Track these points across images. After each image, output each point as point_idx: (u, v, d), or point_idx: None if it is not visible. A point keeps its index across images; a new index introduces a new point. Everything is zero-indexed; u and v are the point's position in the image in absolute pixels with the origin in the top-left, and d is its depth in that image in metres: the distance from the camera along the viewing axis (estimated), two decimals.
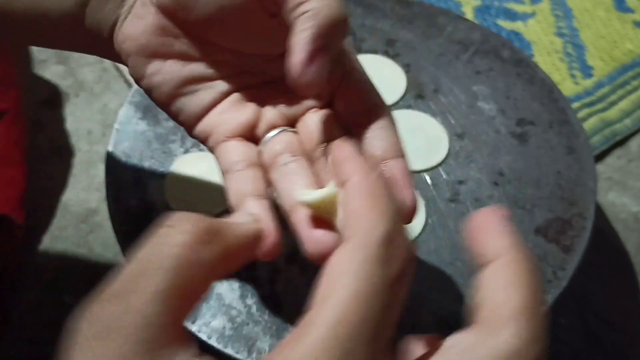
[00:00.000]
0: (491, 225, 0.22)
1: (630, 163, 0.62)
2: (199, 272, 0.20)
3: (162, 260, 0.20)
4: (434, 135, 0.49)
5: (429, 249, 0.43)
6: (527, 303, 0.20)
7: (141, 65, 0.31)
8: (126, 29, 0.31)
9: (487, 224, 0.23)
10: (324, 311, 0.18)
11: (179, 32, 0.31)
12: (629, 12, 0.73)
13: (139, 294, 0.19)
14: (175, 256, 0.20)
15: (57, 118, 0.64)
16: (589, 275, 0.54)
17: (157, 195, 0.46)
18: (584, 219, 0.44)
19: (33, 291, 0.53)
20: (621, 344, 0.51)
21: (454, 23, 0.56)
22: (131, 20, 0.31)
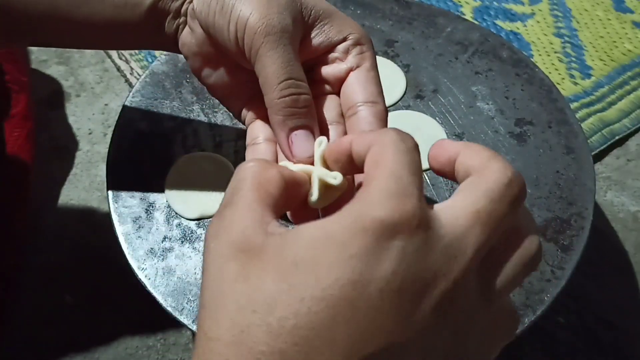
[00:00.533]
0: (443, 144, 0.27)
1: (629, 163, 0.62)
2: (269, 181, 0.26)
3: (245, 179, 0.26)
4: (433, 135, 0.49)
5: None
6: (491, 152, 0.25)
7: (197, 67, 0.38)
8: (183, 38, 0.38)
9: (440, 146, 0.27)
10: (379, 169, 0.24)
11: (215, 46, 0.36)
12: (628, 12, 0.73)
13: (238, 200, 0.25)
14: (251, 174, 0.26)
15: (59, 118, 0.64)
16: (587, 274, 0.54)
17: (157, 196, 0.46)
18: (583, 219, 0.45)
19: (33, 291, 0.53)
20: (620, 343, 0.51)
21: (453, 23, 0.56)
22: (187, 30, 0.37)
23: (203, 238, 0.44)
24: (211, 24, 0.34)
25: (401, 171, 0.23)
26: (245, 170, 0.26)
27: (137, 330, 0.51)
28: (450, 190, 0.46)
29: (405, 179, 0.23)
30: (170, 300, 0.41)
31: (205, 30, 0.35)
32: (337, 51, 0.35)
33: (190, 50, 0.37)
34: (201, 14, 0.35)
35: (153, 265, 0.42)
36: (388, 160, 0.24)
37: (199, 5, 0.35)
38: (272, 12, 0.33)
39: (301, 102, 0.33)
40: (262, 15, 0.33)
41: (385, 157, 0.24)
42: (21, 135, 0.56)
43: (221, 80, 0.38)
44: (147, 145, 0.48)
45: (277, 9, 0.33)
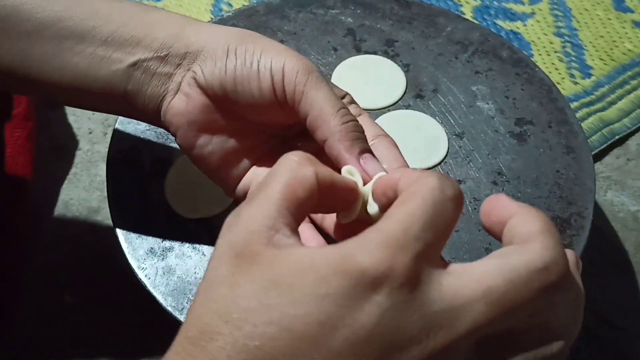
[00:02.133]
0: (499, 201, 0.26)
1: (629, 162, 0.62)
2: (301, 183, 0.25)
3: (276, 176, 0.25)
4: (433, 135, 0.49)
5: None
6: (546, 227, 0.24)
7: (191, 138, 0.36)
8: (175, 106, 0.35)
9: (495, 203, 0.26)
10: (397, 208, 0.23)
11: (222, 111, 0.35)
12: (628, 11, 0.73)
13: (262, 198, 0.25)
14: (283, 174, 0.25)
15: (58, 117, 0.64)
16: (587, 274, 0.54)
17: (157, 195, 0.46)
18: (583, 218, 0.45)
19: (33, 291, 0.53)
20: (620, 343, 0.51)
21: (454, 23, 0.56)
22: (179, 97, 0.35)
23: (203, 238, 0.44)
24: (231, 81, 0.34)
25: (414, 223, 0.22)
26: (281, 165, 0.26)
27: (137, 330, 0.51)
28: None
29: (413, 232, 0.22)
30: (170, 299, 0.41)
31: (220, 92, 0.34)
32: None
33: (183, 120, 0.35)
34: (213, 76, 0.34)
35: (153, 265, 0.42)
36: (410, 205, 0.23)
37: (209, 69, 0.34)
38: (302, 56, 0.34)
39: (360, 129, 0.33)
40: (297, 59, 0.34)
41: (409, 201, 0.23)
42: (22, 136, 0.56)
43: (221, 147, 0.36)
44: (147, 144, 0.48)
45: (302, 55, 0.34)
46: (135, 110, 0.37)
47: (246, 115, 0.36)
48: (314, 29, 0.55)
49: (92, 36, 0.35)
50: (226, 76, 0.34)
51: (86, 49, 0.35)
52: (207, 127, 0.36)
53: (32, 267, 0.54)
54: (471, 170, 0.47)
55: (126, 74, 0.35)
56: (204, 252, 0.43)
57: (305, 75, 0.33)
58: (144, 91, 0.35)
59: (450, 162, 0.48)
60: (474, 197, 0.46)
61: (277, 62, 0.33)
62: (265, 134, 0.38)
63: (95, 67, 0.35)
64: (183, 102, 0.35)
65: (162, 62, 0.35)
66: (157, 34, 0.35)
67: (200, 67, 0.34)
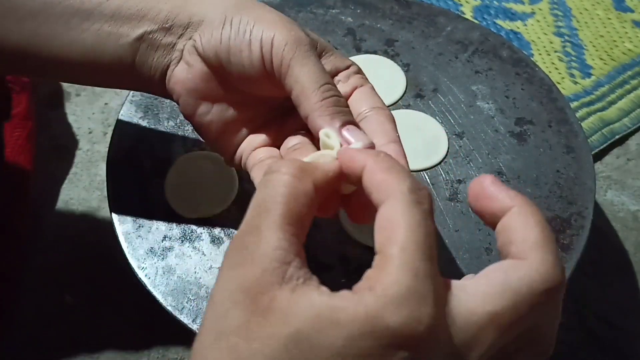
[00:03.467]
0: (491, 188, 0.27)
1: (629, 162, 0.62)
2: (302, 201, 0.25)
3: (275, 197, 0.25)
4: (433, 135, 0.49)
5: None
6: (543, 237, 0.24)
7: (192, 106, 0.36)
8: (177, 74, 0.36)
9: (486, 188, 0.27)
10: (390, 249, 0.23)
11: (220, 81, 0.36)
12: (628, 11, 0.73)
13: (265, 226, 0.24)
14: (282, 193, 0.25)
15: (58, 117, 0.64)
16: (587, 274, 0.54)
17: (157, 195, 0.46)
18: (583, 218, 0.45)
19: (33, 291, 0.53)
20: (620, 343, 0.51)
21: (453, 23, 0.56)
22: (181, 66, 0.36)
23: (203, 237, 0.44)
24: (225, 51, 0.34)
25: (417, 262, 0.23)
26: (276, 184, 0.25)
27: (137, 329, 0.51)
28: (451, 190, 0.46)
29: (421, 273, 0.23)
30: (170, 299, 0.41)
31: (215, 60, 0.35)
32: (339, 76, 0.36)
33: (184, 87, 0.36)
34: (209, 44, 0.34)
35: (153, 265, 0.42)
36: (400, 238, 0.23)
37: (206, 37, 0.34)
38: (296, 29, 0.33)
39: (342, 103, 0.33)
40: (287, 30, 0.33)
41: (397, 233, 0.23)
42: (22, 136, 0.56)
43: (220, 116, 0.37)
44: (147, 144, 0.48)
45: (297, 27, 0.34)
46: (142, 83, 0.37)
47: (240, 86, 0.36)
48: (314, 29, 0.55)
49: (98, 12, 0.35)
50: (221, 45, 0.34)
51: (93, 25, 0.35)
52: (207, 96, 0.36)
53: (32, 267, 0.54)
54: (471, 170, 0.47)
55: (132, 47, 0.35)
56: (204, 252, 0.43)
57: (293, 49, 0.33)
58: (150, 62, 0.36)
59: (450, 162, 0.48)
60: None
61: (267, 34, 0.33)
62: (265, 105, 0.37)
63: (103, 42, 0.35)
64: (184, 70, 0.36)
65: (166, 33, 0.35)
66: (162, 6, 0.35)
67: (200, 36, 0.35)
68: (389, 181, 0.25)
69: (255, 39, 0.33)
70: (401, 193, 0.24)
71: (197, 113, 0.36)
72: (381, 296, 0.22)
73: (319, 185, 0.26)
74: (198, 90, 0.36)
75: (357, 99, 0.35)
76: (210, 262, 0.43)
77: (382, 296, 0.22)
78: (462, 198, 0.46)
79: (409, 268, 0.23)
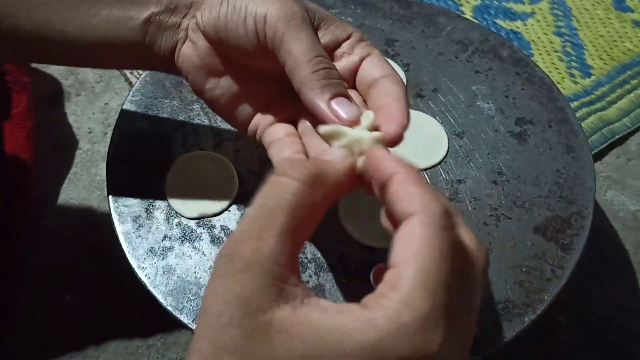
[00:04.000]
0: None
1: (629, 162, 0.62)
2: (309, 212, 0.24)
3: (281, 205, 0.24)
4: (433, 135, 0.49)
5: None
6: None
7: (200, 82, 0.37)
8: (184, 52, 0.37)
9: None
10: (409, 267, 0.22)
11: (222, 56, 0.36)
12: (628, 11, 0.73)
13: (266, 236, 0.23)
14: (290, 202, 0.24)
15: (59, 117, 0.64)
16: (587, 273, 0.54)
17: (157, 195, 0.46)
18: (583, 218, 0.45)
19: (34, 290, 0.53)
20: (620, 342, 0.51)
21: (454, 23, 0.56)
22: (187, 44, 0.37)
23: (203, 237, 0.44)
24: (222, 27, 0.35)
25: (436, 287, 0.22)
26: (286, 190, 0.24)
27: (137, 329, 0.51)
28: (451, 190, 0.46)
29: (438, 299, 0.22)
30: (170, 299, 0.41)
31: (215, 37, 0.35)
32: (343, 47, 0.36)
33: (191, 65, 0.37)
34: (209, 21, 0.35)
35: (153, 265, 0.42)
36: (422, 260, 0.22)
37: (206, 15, 0.35)
38: (290, 4, 0.34)
39: (334, 75, 0.33)
40: (280, 5, 0.33)
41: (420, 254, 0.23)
42: (22, 135, 0.56)
43: (228, 91, 0.38)
44: (147, 144, 0.48)
45: (291, 2, 0.34)
46: (154, 62, 0.39)
47: (241, 61, 0.36)
48: None
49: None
50: (219, 22, 0.35)
51: (102, 10, 0.36)
52: (213, 71, 0.37)
53: (32, 267, 0.54)
54: (471, 170, 0.47)
55: (142, 29, 0.37)
56: (204, 252, 0.43)
57: (285, 23, 0.33)
58: (159, 43, 0.37)
59: (450, 162, 0.48)
60: (474, 197, 0.46)
61: (261, 10, 0.33)
62: (269, 79, 0.38)
63: (114, 26, 0.37)
64: (190, 48, 0.37)
65: (172, 14, 0.37)
66: None
67: (201, 14, 0.36)
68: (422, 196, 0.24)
69: (250, 15, 0.34)
70: (433, 214, 0.23)
71: (205, 89, 0.38)
72: (395, 321, 0.21)
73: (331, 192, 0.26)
74: (204, 66, 0.37)
75: (367, 69, 0.35)
76: (210, 262, 0.43)
77: (396, 321, 0.21)
78: (462, 198, 0.46)
79: (428, 295, 0.22)
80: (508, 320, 0.40)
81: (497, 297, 0.41)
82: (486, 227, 0.44)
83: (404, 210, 0.24)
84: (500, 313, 0.40)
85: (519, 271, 0.42)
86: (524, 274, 0.42)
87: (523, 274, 0.42)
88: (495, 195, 0.46)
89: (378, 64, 0.35)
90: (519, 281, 0.42)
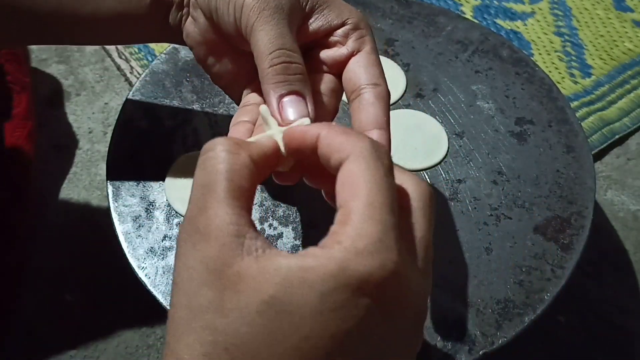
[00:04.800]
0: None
1: (629, 162, 0.62)
2: (242, 173, 0.25)
3: (215, 175, 0.25)
4: (433, 135, 0.49)
5: None
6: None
7: (202, 57, 0.39)
8: (187, 27, 0.38)
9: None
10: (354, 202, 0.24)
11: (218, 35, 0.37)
12: (628, 11, 0.73)
13: (212, 204, 0.24)
14: (222, 170, 0.25)
15: (59, 117, 0.64)
16: (587, 273, 0.54)
17: (157, 195, 0.46)
18: (583, 218, 0.45)
19: (34, 290, 0.53)
20: (620, 342, 0.51)
21: (454, 22, 0.56)
22: (190, 20, 0.38)
23: None
24: (214, 9, 0.35)
25: (384, 214, 0.24)
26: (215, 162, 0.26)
27: (137, 329, 0.51)
28: (451, 190, 0.46)
29: (388, 225, 0.23)
30: (170, 299, 0.41)
31: (209, 17, 0.36)
32: (336, 35, 0.36)
33: (194, 40, 0.38)
34: (203, 2, 0.36)
35: (153, 264, 0.42)
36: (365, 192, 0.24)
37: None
38: None
39: (292, 70, 0.33)
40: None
41: (361, 188, 0.24)
42: (22, 135, 0.56)
43: (225, 68, 0.39)
44: (147, 144, 0.48)
45: None
46: (167, 36, 0.40)
47: (232, 42, 0.37)
48: None
49: None
50: (210, 5, 0.36)
51: None
52: (211, 49, 0.38)
53: (32, 267, 0.54)
54: (471, 170, 0.47)
55: (151, 7, 0.38)
56: None
57: (256, 13, 0.33)
58: (168, 18, 0.39)
59: (450, 162, 0.48)
60: (474, 197, 0.46)
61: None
62: None
63: (125, 6, 0.38)
64: (192, 24, 0.38)
65: None
66: None
67: None
68: (349, 141, 0.25)
69: (231, 2, 0.34)
70: (363, 149, 0.25)
71: (207, 64, 0.39)
72: (351, 249, 0.23)
73: (256, 159, 0.27)
74: (205, 42, 0.38)
75: (353, 71, 0.35)
76: None
77: (352, 249, 0.23)
78: (462, 198, 0.46)
79: (376, 221, 0.23)
80: (508, 320, 0.40)
81: (497, 297, 0.41)
82: (486, 227, 0.44)
83: (339, 160, 0.26)
84: (500, 313, 0.40)
85: (519, 271, 0.42)
86: (524, 274, 0.42)
87: (523, 273, 0.42)
88: (495, 195, 0.46)
89: (365, 64, 0.35)
90: (519, 281, 0.42)
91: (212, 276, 0.23)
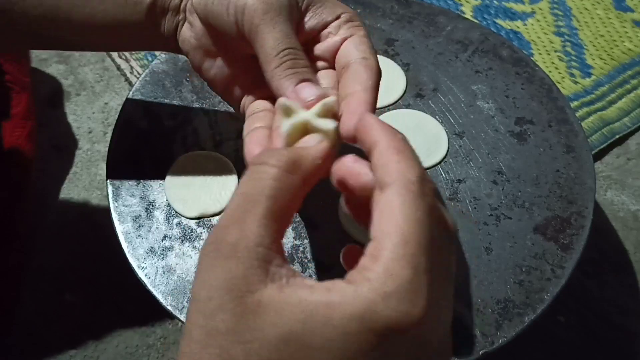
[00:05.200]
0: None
1: (629, 162, 0.62)
2: (290, 196, 0.25)
3: (262, 190, 0.24)
4: (433, 134, 0.49)
5: None
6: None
7: (197, 61, 0.39)
8: (183, 33, 0.39)
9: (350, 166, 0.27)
10: (389, 238, 0.23)
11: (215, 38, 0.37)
12: (628, 11, 0.73)
13: (249, 220, 0.24)
14: (270, 187, 0.25)
15: (59, 117, 0.64)
16: (588, 273, 0.54)
17: (157, 195, 0.46)
18: (583, 218, 0.44)
19: (34, 290, 0.53)
20: (620, 342, 0.51)
21: (454, 22, 0.56)
22: (186, 25, 0.38)
23: (203, 237, 0.44)
24: (210, 12, 0.36)
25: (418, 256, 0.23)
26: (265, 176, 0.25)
27: (137, 329, 0.51)
28: (451, 189, 0.46)
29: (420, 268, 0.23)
30: (170, 299, 0.41)
31: (205, 21, 0.36)
32: (329, 28, 0.36)
33: (190, 45, 0.38)
34: (199, 4, 0.36)
35: (153, 264, 0.42)
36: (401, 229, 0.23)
37: None
38: None
39: (300, 64, 0.33)
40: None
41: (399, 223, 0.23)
42: (22, 135, 0.56)
43: (221, 72, 0.39)
44: (147, 144, 0.48)
45: None
46: (160, 43, 0.40)
47: (228, 44, 0.37)
48: None
49: None
50: (207, 7, 0.36)
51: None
52: (208, 52, 0.38)
53: (33, 266, 0.54)
54: (471, 170, 0.47)
55: (148, 12, 0.38)
56: None
57: (260, 16, 0.33)
58: (164, 24, 0.39)
59: (450, 162, 0.48)
60: (474, 197, 0.46)
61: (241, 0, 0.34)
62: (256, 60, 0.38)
63: (121, 11, 0.38)
64: (188, 29, 0.38)
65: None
66: None
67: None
68: (399, 167, 0.25)
69: (232, 3, 0.34)
70: (409, 183, 0.24)
71: (203, 68, 0.39)
72: (380, 291, 0.22)
73: (307, 177, 0.26)
74: (200, 47, 0.38)
75: (345, 50, 0.35)
76: None
77: (381, 291, 0.22)
78: (462, 198, 0.46)
79: (408, 262, 0.22)
80: (508, 320, 0.40)
81: (497, 297, 0.41)
82: (486, 227, 0.44)
83: (381, 180, 0.25)
84: (500, 313, 0.40)
85: (519, 271, 0.42)
86: (524, 273, 0.42)
87: (523, 273, 0.42)
88: (495, 195, 0.46)
89: (357, 44, 0.35)
90: (519, 281, 0.42)
91: (232, 301, 0.22)
